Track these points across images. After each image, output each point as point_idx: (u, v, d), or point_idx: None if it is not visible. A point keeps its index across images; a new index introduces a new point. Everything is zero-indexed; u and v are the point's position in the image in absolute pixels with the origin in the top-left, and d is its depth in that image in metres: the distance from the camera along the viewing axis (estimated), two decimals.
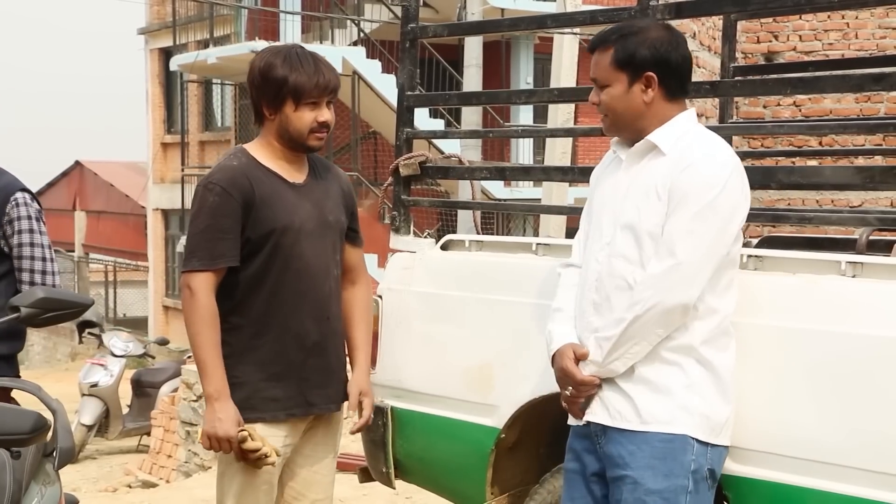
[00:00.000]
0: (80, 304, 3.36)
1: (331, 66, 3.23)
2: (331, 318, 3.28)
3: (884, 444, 2.68)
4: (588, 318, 2.90)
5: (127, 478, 9.70)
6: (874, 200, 8.27)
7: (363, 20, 17.79)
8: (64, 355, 23.05)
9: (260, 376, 3.17)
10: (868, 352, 2.74)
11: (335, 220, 3.29)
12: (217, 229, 3.11)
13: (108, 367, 10.98)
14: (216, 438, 3.07)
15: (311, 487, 3.34)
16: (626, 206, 2.85)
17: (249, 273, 3.16)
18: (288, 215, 3.17)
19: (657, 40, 2.82)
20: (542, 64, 18.77)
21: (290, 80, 3.13)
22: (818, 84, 3.82)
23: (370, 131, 18.36)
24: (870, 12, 9.67)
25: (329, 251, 3.27)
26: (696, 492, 2.78)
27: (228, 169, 3.18)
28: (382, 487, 4.14)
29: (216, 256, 3.11)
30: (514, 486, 3.59)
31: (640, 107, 2.84)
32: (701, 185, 2.73)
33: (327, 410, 3.31)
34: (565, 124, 10.12)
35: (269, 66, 3.17)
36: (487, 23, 9.48)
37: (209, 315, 3.10)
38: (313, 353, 3.22)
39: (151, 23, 23.04)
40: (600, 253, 2.90)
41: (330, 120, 3.21)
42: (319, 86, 3.15)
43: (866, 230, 3.39)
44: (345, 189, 3.39)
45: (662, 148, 2.82)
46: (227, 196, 3.11)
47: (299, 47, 3.24)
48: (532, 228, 16.39)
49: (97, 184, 29.70)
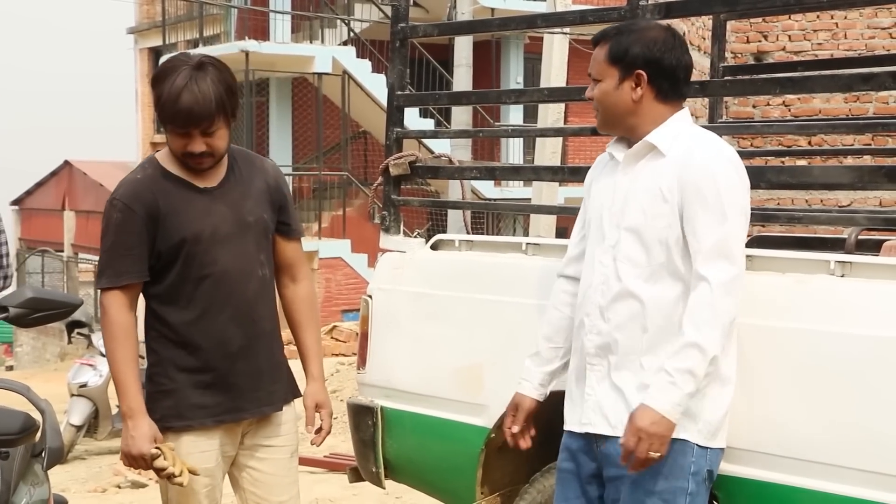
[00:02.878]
0: (70, 304, 3.36)
1: (209, 93, 2.95)
2: (257, 320, 3.19)
3: (873, 442, 2.69)
4: (594, 321, 2.87)
5: (116, 478, 9.66)
6: (863, 200, 8.30)
7: (353, 20, 17.79)
8: (53, 355, 22.98)
9: (187, 384, 3.13)
10: (857, 351, 2.74)
11: (256, 220, 3.19)
12: (121, 246, 3.07)
13: (98, 367, 10.92)
14: (130, 457, 3.06)
15: (272, 490, 3.28)
16: (629, 209, 2.82)
17: (167, 284, 3.11)
18: (197, 222, 3.09)
19: (652, 40, 2.81)
20: (532, 64, 18.79)
21: (160, 99, 2.99)
22: (807, 84, 3.83)
23: (360, 131, 18.37)
24: (859, 12, 9.70)
25: (252, 252, 3.17)
26: (696, 493, 2.77)
27: (132, 183, 3.12)
28: (372, 487, 4.14)
29: (121, 273, 3.07)
30: (504, 485, 3.59)
31: (629, 103, 2.83)
32: (723, 184, 2.71)
33: (261, 414, 3.23)
34: (555, 124, 10.13)
35: (157, 77, 3.02)
36: (477, 22, 9.49)
37: (121, 332, 3.06)
38: (240, 358, 3.16)
39: (141, 22, 23.01)
40: (605, 256, 2.86)
41: (199, 150, 3.01)
42: (178, 116, 2.96)
43: (855, 230, 3.40)
44: (270, 183, 3.25)
45: (661, 148, 2.80)
46: (129, 212, 3.06)
47: (197, 65, 3.00)
48: (522, 228, 16.42)
49: (86, 183, 29.58)
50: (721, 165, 2.74)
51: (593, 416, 2.86)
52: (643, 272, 2.79)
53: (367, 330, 3.86)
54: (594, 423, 2.85)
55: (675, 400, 2.66)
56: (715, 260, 2.67)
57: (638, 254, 2.80)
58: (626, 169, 2.88)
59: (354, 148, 18.45)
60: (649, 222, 2.78)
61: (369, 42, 17.26)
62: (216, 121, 3.00)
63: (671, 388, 2.65)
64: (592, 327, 2.87)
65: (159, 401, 3.13)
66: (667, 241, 2.76)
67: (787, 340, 2.85)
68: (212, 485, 3.20)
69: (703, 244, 2.69)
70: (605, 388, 2.84)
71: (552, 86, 10.13)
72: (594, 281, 2.88)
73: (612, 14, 3.60)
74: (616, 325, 2.82)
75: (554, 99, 9.33)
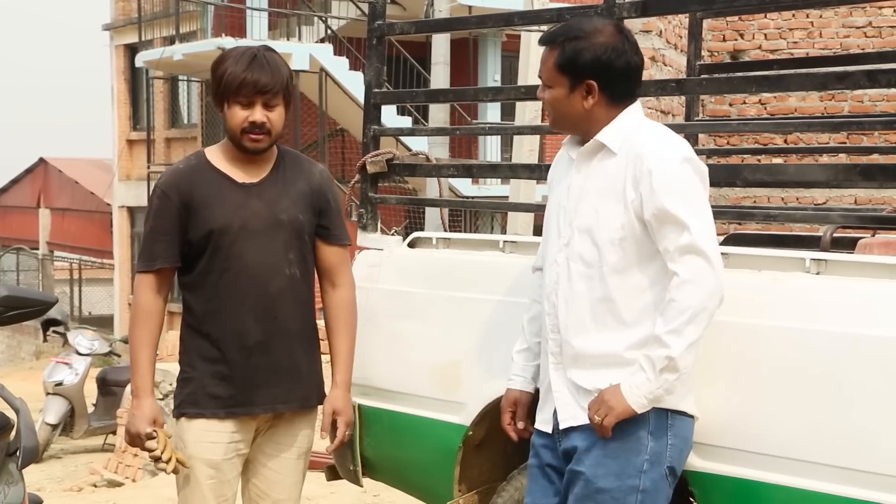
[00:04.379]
0: (44, 302, 3.34)
1: (278, 67, 3.15)
2: (279, 317, 3.23)
3: (847, 439, 2.71)
4: (553, 320, 2.88)
5: (92, 477, 9.61)
6: (838, 198, 8.35)
7: (330, 17, 17.75)
8: (28, 354, 22.85)
9: (207, 373, 3.21)
10: (832, 348, 2.76)
11: (290, 219, 3.23)
12: (157, 231, 3.20)
13: (73, 365, 10.88)
14: (129, 433, 3.19)
15: (273, 487, 3.33)
16: (581, 208, 2.82)
17: (195, 273, 3.22)
18: (227, 215, 3.16)
19: (601, 47, 2.76)
20: (509, 61, 18.78)
21: (225, 75, 3.12)
22: (783, 82, 3.85)
23: (337, 128, 18.32)
24: (834, 11, 9.78)
25: (280, 250, 3.22)
26: (652, 490, 2.78)
27: (173, 172, 3.26)
28: (350, 485, 4.13)
29: (155, 258, 3.21)
30: (481, 483, 3.59)
31: (581, 111, 2.81)
32: (679, 179, 2.70)
33: (273, 410, 3.27)
34: (533, 122, 10.14)
35: (220, 59, 3.18)
36: (455, 20, 9.50)
37: (144, 314, 3.21)
38: (255, 353, 3.20)
39: (116, 19, 22.87)
40: (559, 254, 2.87)
41: (260, 120, 3.13)
42: (246, 83, 3.09)
43: (830, 227, 3.42)
44: (313, 186, 3.30)
45: (612, 147, 2.79)
46: (166, 199, 3.19)
47: (264, 48, 3.20)
48: (500, 226, 16.41)
49: (62, 181, 29.43)
50: (675, 164, 2.72)
51: (575, 412, 2.84)
52: (594, 271, 2.79)
53: None
54: (576, 416, 2.83)
55: (634, 382, 2.69)
56: (684, 255, 2.66)
57: (590, 253, 2.79)
58: (579, 167, 2.87)
59: (332, 145, 18.40)
60: (602, 222, 2.77)
61: (346, 40, 17.21)
62: (280, 94, 3.14)
63: (637, 373, 2.69)
64: (553, 326, 2.88)
65: (182, 387, 3.26)
66: (620, 241, 2.75)
67: (763, 338, 2.86)
68: (217, 478, 3.23)
69: (671, 244, 2.68)
70: (566, 384, 2.85)
71: (529, 84, 10.13)
72: (550, 279, 2.90)
73: (588, 12, 3.60)
74: (570, 322, 2.83)
75: (531, 97, 9.31)
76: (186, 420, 3.23)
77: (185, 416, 3.23)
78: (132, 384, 3.22)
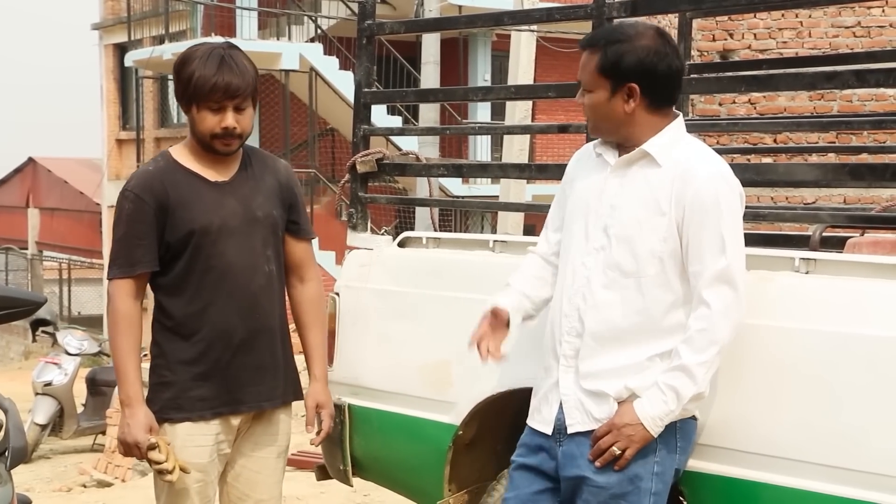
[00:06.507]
0: (33, 301, 3.34)
1: (246, 68, 3.11)
2: (261, 314, 3.22)
3: (837, 438, 2.71)
4: (572, 323, 2.83)
5: (81, 477, 9.59)
6: (827, 197, 8.36)
7: (320, 16, 17.75)
8: (17, 354, 22.77)
9: (187, 376, 3.17)
10: (821, 348, 2.76)
11: (265, 215, 3.23)
12: (133, 235, 3.13)
13: (63, 365, 10.86)
14: (125, 444, 3.11)
15: (254, 487, 3.31)
16: (620, 216, 2.79)
17: (173, 275, 3.17)
18: (206, 215, 3.14)
19: (643, 50, 2.74)
20: (499, 61, 18.78)
21: (193, 77, 3.06)
22: (772, 82, 3.86)
23: (327, 128, 18.31)
24: (823, 11, 9.78)
25: (258, 247, 3.21)
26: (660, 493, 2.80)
27: (143, 175, 3.20)
28: (340, 485, 4.13)
29: (133, 263, 3.14)
30: (471, 482, 3.59)
31: (622, 116, 2.78)
32: (726, 208, 2.71)
33: (258, 408, 3.26)
34: (523, 121, 10.15)
35: (185, 60, 3.11)
36: (445, 20, 9.50)
37: (125, 321, 3.13)
38: (241, 351, 3.19)
39: (106, 18, 22.80)
40: (588, 258, 2.83)
41: (232, 125, 3.10)
42: (217, 88, 3.04)
43: (820, 227, 3.42)
44: (282, 182, 3.30)
45: (658, 159, 2.76)
46: (139, 201, 3.12)
47: (228, 46, 3.15)
48: (490, 225, 16.41)
49: (51, 181, 29.34)
50: (724, 188, 2.73)
51: (580, 416, 2.81)
52: (630, 282, 2.77)
53: (334, 327, 3.85)
54: (581, 421, 2.81)
55: (657, 413, 2.70)
56: (717, 285, 2.68)
57: (628, 263, 2.77)
58: (616, 172, 2.84)
59: (322, 145, 18.38)
60: (644, 234, 2.75)
61: (336, 39, 17.20)
62: (249, 97, 3.11)
63: (659, 401, 2.70)
64: (571, 329, 2.84)
65: (159, 392, 3.18)
66: (661, 253, 2.74)
67: (753, 337, 2.86)
68: (204, 481, 3.21)
69: (706, 269, 2.69)
70: (576, 388, 2.83)
71: (519, 83, 10.15)
72: (576, 282, 2.85)
73: (578, 12, 3.61)
74: (596, 329, 2.80)
75: (521, 96, 9.35)
76: (170, 425, 3.18)
77: (169, 421, 3.18)
78: (121, 393, 3.15)
